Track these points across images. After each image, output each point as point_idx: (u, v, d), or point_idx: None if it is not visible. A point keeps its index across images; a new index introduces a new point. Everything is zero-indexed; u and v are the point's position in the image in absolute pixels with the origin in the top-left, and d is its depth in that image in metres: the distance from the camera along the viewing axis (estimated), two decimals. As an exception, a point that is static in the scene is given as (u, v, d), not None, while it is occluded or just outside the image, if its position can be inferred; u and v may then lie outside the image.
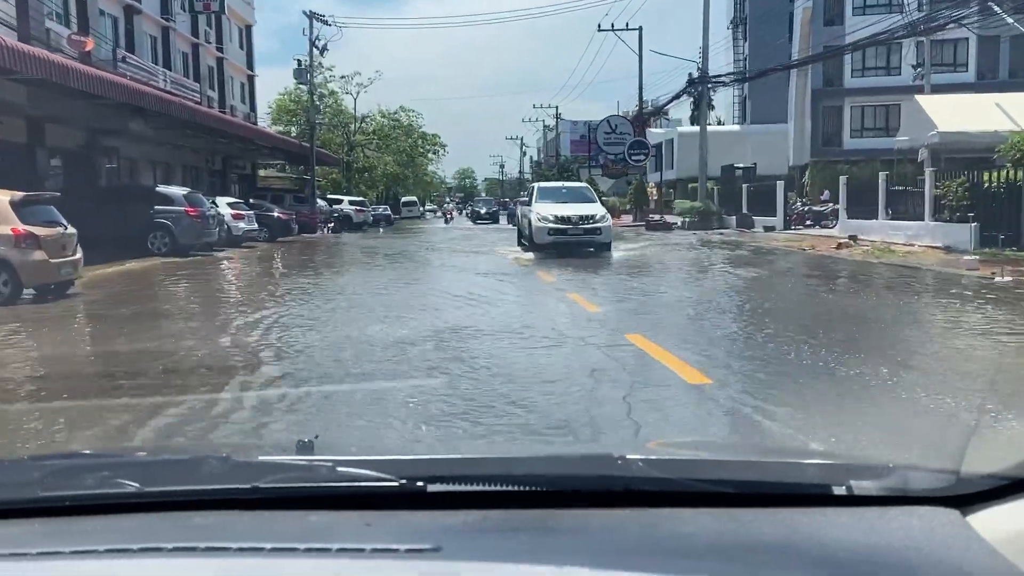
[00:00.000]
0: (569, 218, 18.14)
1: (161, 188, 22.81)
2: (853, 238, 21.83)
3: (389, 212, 52.39)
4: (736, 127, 58.54)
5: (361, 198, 45.45)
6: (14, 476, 1.48)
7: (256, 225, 26.17)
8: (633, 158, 39.79)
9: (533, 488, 1.27)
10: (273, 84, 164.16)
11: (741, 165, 36.68)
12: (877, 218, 22.70)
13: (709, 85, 34.72)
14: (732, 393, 5.62)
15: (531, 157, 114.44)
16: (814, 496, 1.27)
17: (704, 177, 35.82)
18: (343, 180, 48.79)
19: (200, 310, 11.83)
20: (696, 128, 57.77)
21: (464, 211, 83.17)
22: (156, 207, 20.44)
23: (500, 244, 25.05)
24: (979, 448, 2.30)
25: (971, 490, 1.21)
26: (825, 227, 28.57)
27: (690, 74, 35.85)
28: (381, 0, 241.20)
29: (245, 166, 43.38)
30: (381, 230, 44.77)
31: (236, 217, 24.87)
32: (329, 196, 44.20)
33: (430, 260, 19.88)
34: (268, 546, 1.10)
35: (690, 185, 50.13)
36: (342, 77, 51.33)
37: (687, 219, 33.83)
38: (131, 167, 29.19)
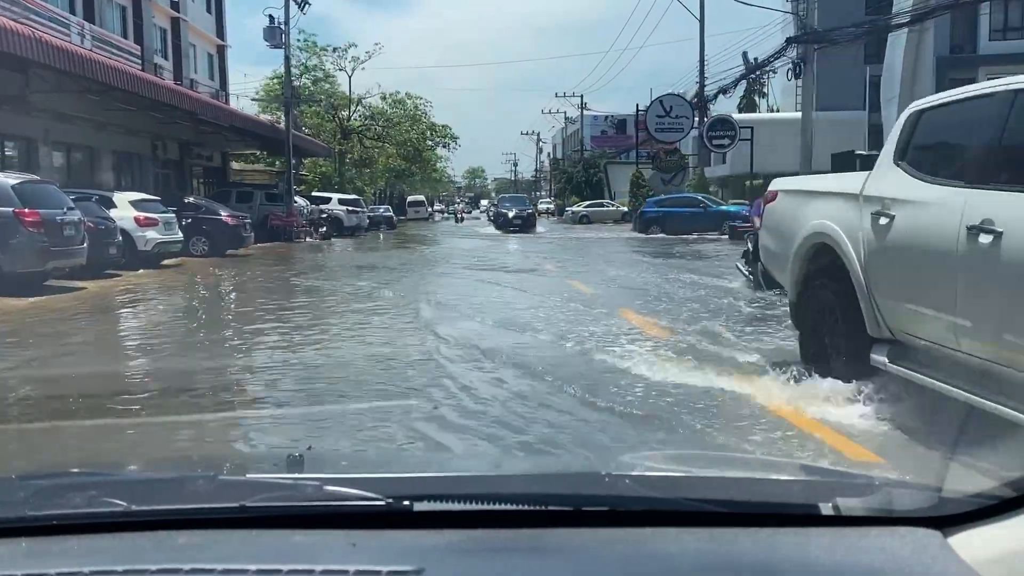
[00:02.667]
0: None
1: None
2: None
3: (391, 213, 43.63)
4: (788, 114, 49.71)
5: (355, 196, 36.78)
6: (1, 495, 1.46)
7: (179, 234, 17.49)
8: (714, 142, 31.07)
9: (519, 507, 1.26)
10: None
11: (863, 152, 27.74)
12: None
13: (816, 45, 25.87)
14: None
15: (548, 153, 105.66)
16: (798, 515, 1.26)
17: (808, 170, 26.94)
18: (334, 174, 40.09)
19: None
20: (754, 116, 49.61)
21: (482, 212, 74.44)
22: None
23: (556, 269, 16.63)
24: (963, 467, 2.23)
25: (954, 511, 1.21)
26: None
27: (787, 39, 27.02)
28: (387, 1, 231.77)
29: (212, 156, 34.88)
30: (381, 236, 36.32)
31: (143, 223, 16.15)
32: (314, 194, 35.61)
33: (466, 303, 11.00)
34: (252, 568, 1.09)
35: (748, 183, 41.55)
36: (334, 50, 42.48)
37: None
38: (27, 150, 20.70)
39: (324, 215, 33.46)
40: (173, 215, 17.43)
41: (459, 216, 64.09)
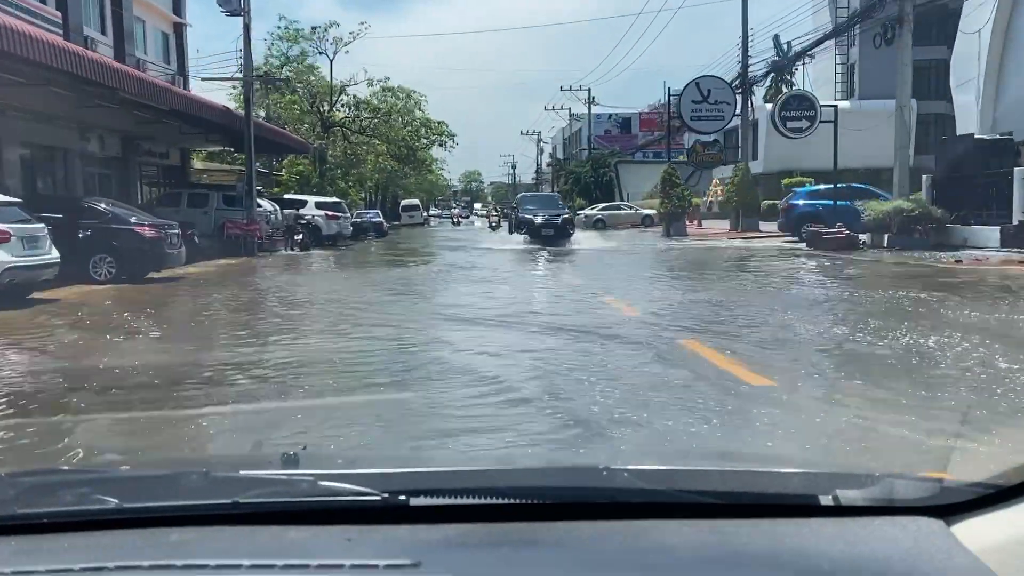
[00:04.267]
0: None
1: None
2: None
3: (381, 219, 37.87)
4: (845, 103, 44.23)
5: (336, 199, 31.12)
6: None
7: (52, 254, 11.83)
8: (788, 124, 25.44)
9: (517, 501, 1.25)
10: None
11: (988, 136, 22.08)
12: None
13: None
14: None
15: (550, 154, 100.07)
16: (798, 506, 1.26)
17: (906, 163, 21.35)
18: (314, 174, 34.42)
19: None
20: (831, 103, 43.68)
21: (479, 215, 69.68)
22: None
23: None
24: (965, 456, 2.23)
25: (956, 500, 1.20)
26: None
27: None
28: (382, 4, 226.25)
29: (167, 153, 29.34)
30: (372, 246, 30.79)
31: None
32: (289, 196, 30.03)
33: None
34: (247, 563, 1.09)
35: (784, 181, 36.09)
36: (313, 31, 36.68)
37: (891, 227, 19.38)
38: None
39: (303, 221, 27.88)
40: (43, 227, 11.72)
41: (455, 220, 62.26)
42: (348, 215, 29.41)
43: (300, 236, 27.17)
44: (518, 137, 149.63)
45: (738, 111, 31.26)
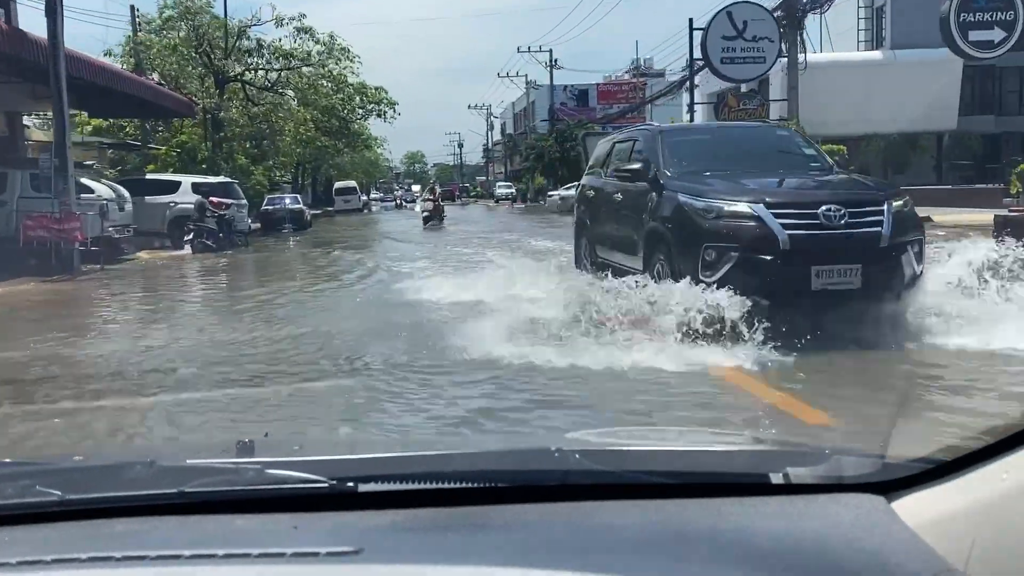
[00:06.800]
0: None
1: None
2: None
3: (300, 205, 28.36)
4: (877, 54, 36.27)
5: (226, 179, 21.87)
6: None
7: None
8: (973, 36, 17.03)
9: (467, 485, 1.25)
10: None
11: None
12: None
13: None
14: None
15: (500, 130, 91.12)
16: (746, 485, 1.27)
17: None
18: (202, 146, 24.86)
19: None
20: (833, 56, 35.33)
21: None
22: None
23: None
24: (907, 432, 2.19)
25: (897, 475, 1.22)
26: None
27: None
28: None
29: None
30: (291, 242, 22.01)
31: None
32: (152, 176, 20.81)
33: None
34: (187, 553, 1.07)
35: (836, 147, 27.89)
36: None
37: None
38: None
39: (211, 212, 19.04)
40: None
41: (400, 202, 59.50)
42: (243, 201, 20.22)
43: (191, 235, 18.40)
44: (463, 117, 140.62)
45: (785, 50, 22.90)
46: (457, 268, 12.81)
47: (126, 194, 17.21)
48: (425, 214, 27.62)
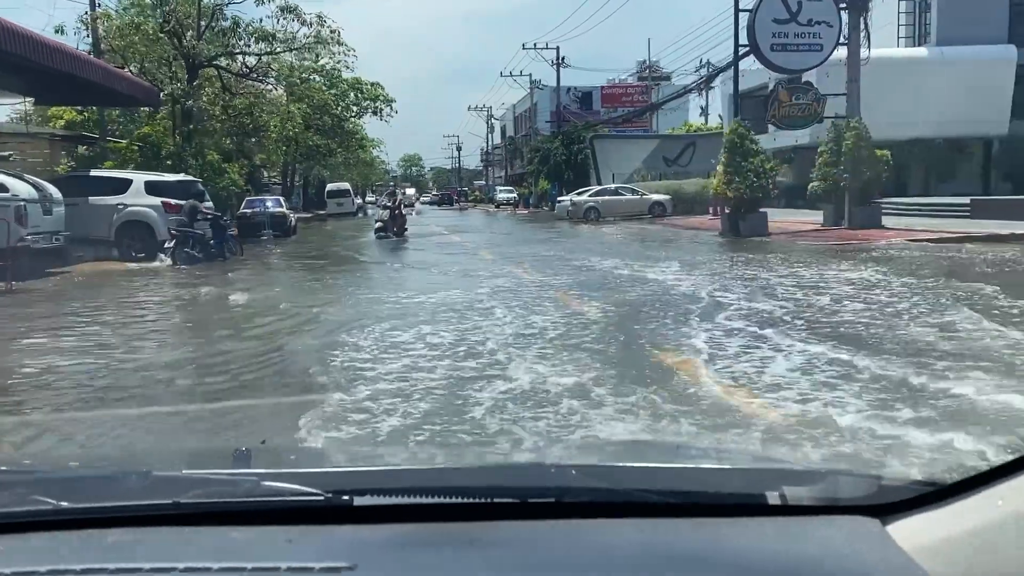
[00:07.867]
0: None
1: None
2: None
3: (283, 210, 24.86)
4: (923, 51, 33.09)
5: (189, 177, 18.51)
6: None
7: None
8: None
9: (463, 500, 1.24)
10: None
11: None
12: None
13: None
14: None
15: (502, 131, 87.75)
16: (743, 505, 1.25)
17: None
18: (167, 140, 21.50)
19: None
20: (898, 51, 31.99)
21: (395, 210, 57.50)
22: None
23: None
24: (904, 454, 2.17)
25: (893, 498, 1.21)
26: None
27: None
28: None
29: None
30: (274, 249, 18.71)
31: None
32: (96, 172, 17.46)
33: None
34: (181, 566, 1.06)
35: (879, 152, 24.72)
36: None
37: None
38: None
39: (201, 215, 15.89)
40: None
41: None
42: (209, 203, 16.87)
43: (173, 242, 15.27)
44: (461, 121, 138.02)
45: (844, 36, 19.71)
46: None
47: (56, 194, 13.89)
48: (378, 224, 22.74)
